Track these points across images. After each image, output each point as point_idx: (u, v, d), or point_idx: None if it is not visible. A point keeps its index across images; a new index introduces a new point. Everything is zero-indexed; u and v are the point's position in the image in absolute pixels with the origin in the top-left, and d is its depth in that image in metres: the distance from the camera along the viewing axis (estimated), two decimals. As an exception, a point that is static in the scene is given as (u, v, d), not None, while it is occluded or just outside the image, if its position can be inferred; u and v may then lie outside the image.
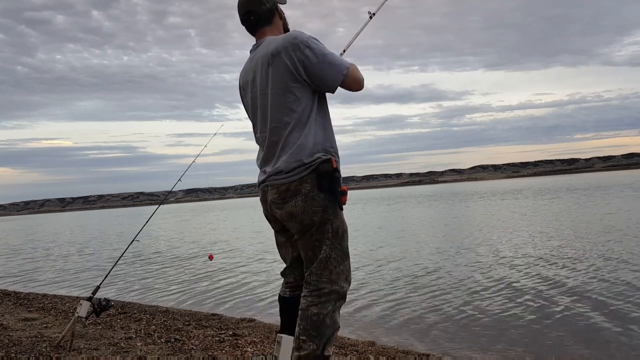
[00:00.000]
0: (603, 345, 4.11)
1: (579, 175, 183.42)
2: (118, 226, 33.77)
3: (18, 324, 4.79)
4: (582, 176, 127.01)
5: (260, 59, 2.25)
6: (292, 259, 2.39)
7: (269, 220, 2.40)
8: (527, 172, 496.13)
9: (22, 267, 12.58)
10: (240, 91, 2.46)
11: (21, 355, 3.42)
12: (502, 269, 7.58)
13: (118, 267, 9.82)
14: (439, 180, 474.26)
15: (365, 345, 4.27)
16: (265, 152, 2.29)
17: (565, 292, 5.92)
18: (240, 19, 2.37)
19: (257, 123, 2.33)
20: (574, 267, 7.36)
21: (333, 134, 2.29)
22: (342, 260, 2.24)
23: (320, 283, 2.19)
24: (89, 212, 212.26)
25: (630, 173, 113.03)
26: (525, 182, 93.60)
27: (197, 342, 4.08)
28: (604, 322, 4.69)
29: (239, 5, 2.35)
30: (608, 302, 5.37)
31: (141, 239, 4.76)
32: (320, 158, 2.17)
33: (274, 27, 2.36)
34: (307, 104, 2.22)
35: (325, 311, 2.16)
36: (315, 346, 2.13)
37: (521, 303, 5.56)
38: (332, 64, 2.18)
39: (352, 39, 2.73)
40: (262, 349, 3.89)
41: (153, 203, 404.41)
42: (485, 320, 5.04)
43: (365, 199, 59.94)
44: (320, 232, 2.19)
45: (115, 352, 3.64)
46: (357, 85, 2.28)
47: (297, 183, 2.16)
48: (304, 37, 2.18)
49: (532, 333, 4.54)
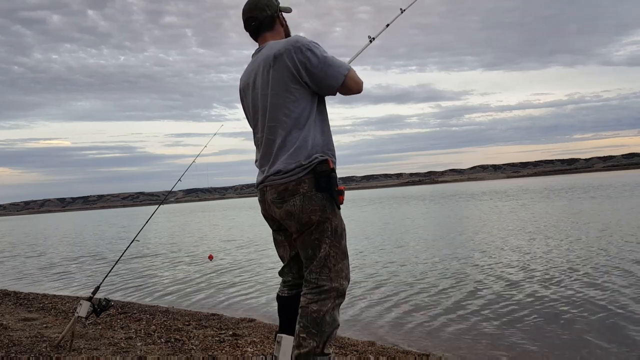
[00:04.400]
0: (604, 345, 4.11)
1: (579, 175, 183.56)
2: (118, 226, 33.79)
3: (18, 324, 4.80)
4: (583, 176, 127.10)
5: (262, 62, 2.29)
6: (289, 258, 2.42)
7: (267, 219, 2.44)
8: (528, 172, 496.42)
9: (22, 267, 12.59)
10: (241, 93, 2.49)
11: (21, 355, 3.42)
12: (503, 269, 7.58)
13: (118, 267, 9.83)
14: (439, 180, 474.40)
15: (365, 345, 4.27)
16: (263, 151, 2.32)
17: (566, 291, 5.92)
18: (244, 24, 2.43)
19: (257, 124, 2.36)
20: (574, 266, 7.36)
21: (331, 139, 2.34)
22: (341, 258, 2.27)
23: (320, 281, 2.22)
24: (89, 212, 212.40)
25: (630, 173, 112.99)
26: (526, 182, 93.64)
27: (197, 342, 4.08)
28: (606, 322, 4.69)
29: (242, 11, 2.42)
30: (610, 301, 5.36)
31: (141, 239, 4.76)
32: (318, 159, 2.21)
33: (275, 33, 2.42)
34: (306, 106, 2.25)
35: (325, 308, 2.19)
36: (316, 344, 2.15)
37: (522, 303, 5.56)
38: (332, 67, 2.23)
39: (352, 59, 2.80)
40: (262, 349, 3.89)
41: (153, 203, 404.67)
42: (486, 320, 5.04)
43: (366, 199, 59.96)
44: (320, 230, 2.22)
45: (115, 352, 3.64)
46: (356, 88, 2.32)
47: (295, 183, 2.19)
48: (306, 40, 2.24)
49: (533, 333, 4.54)
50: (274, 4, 2.40)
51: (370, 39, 2.99)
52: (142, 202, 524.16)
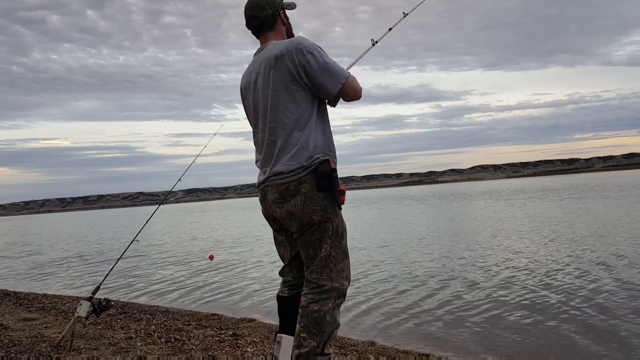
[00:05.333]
0: (603, 346, 4.11)
1: (579, 175, 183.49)
2: (118, 226, 33.78)
3: (18, 324, 4.79)
4: (583, 176, 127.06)
5: (263, 62, 2.29)
6: (290, 258, 2.42)
7: (268, 219, 2.44)
8: (528, 172, 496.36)
9: (23, 267, 12.59)
10: (242, 92, 2.48)
11: (21, 355, 3.42)
12: (503, 269, 7.58)
13: (118, 267, 9.83)
14: (439, 180, 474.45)
15: (365, 345, 4.27)
16: (264, 152, 2.32)
17: (567, 291, 5.92)
18: (245, 22, 2.43)
19: (257, 124, 2.36)
20: (575, 267, 7.36)
21: (332, 140, 2.34)
22: (342, 258, 2.28)
23: (321, 280, 2.22)
24: (89, 212, 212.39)
25: (630, 173, 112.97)
26: (526, 182, 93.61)
27: (197, 342, 4.08)
28: (607, 323, 4.69)
29: (244, 9, 2.42)
30: (612, 302, 5.36)
31: (141, 239, 4.76)
32: (319, 159, 2.21)
33: (276, 33, 2.40)
34: (307, 107, 2.25)
35: (326, 308, 2.19)
36: (316, 343, 2.15)
37: (522, 303, 5.56)
38: (331, 72, 2.23)
39: (354, 61, 2.81)
40: (262, 349, 3.89)
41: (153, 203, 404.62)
42: (486, 320, 5.03)
43: (367, 198, 59.94)
44: (321, 230, 2.22)
45: (115, 352, 3.64)
46: (354, 96, 2.33)
47: (297, 183, 2.19)
48: (308, 43, 2.23)
49: (533, 333, 4.54)
50: (275, 2, 2.38)
51: (373, 42, 2.99)
52: (142, 202, 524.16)
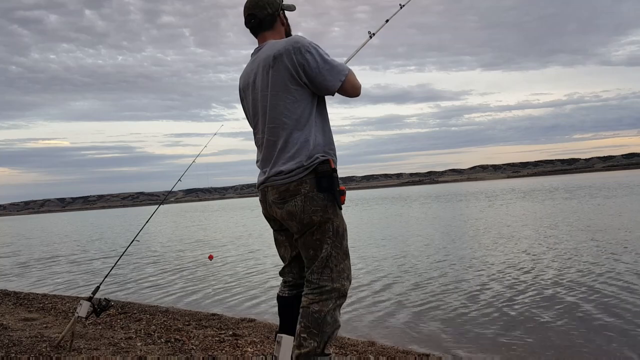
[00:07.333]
0: (605, 345, 4.11)
1: (579, 175, 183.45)
2: (118, 226, 33.77)
3: (18, 324, 4.79)
4: (583, 176, 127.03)
5: (261, 62, 2.28)
6: (290, 258, 2.42)
7: (268, 219, 2.43)
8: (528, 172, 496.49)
9: (23, 267, 12.58)
10: (240, 93, 2.48)
11: (21, 355, 3.42)
12: (503, 269, 7.58)
13: (118, 267, 9.83)
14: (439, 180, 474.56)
15: (365, 345, 4.27)
16: (264, 153, 2.31)
17: (567, 291, 5.92)
18: (244, 20, 2.42)
19: (257, 124, 2.35)
20: (576, 266, 7.36)
21: (332, 138, 2.33)
22: (343, 258, 2.27)
23: (322, 281, 2.22)
24: (89, 212, 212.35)
25: (630, 173, 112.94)
26: (526, 182, 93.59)
27: (197, 342, 4.08)
28: (608, 323, 4.69)
29: (244, 7, 2.41)
30: (613, 302, 5.36)
31: (141, 239, 4.76)
32: (319, 159, 2.20)
33: (275, 32, 2.39)
34: (306, 106, 2.24)
35: (327, 309, 2.19)
36: (316, 344, 2.15)
37: (522, 303, 5.56)
38: (331, 69, 2.23)
39: (352, 55, 2.81)
40: (262, 349, 3.89)
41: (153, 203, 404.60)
42: (486, 320, 5.03)
43: (367, 198, 59.93)
44: (322, 231, 2.22)
45: (115, 352, 3.63)
46: (354, 92, 2.32)
47: (297, 183, 2.19)
48: (306, 42, 2.23)
49: (533, 333, 4.53)
50: (275, 2, 2.37)
51: (370, 34, 3.00)
52: (142, 202, 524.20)
